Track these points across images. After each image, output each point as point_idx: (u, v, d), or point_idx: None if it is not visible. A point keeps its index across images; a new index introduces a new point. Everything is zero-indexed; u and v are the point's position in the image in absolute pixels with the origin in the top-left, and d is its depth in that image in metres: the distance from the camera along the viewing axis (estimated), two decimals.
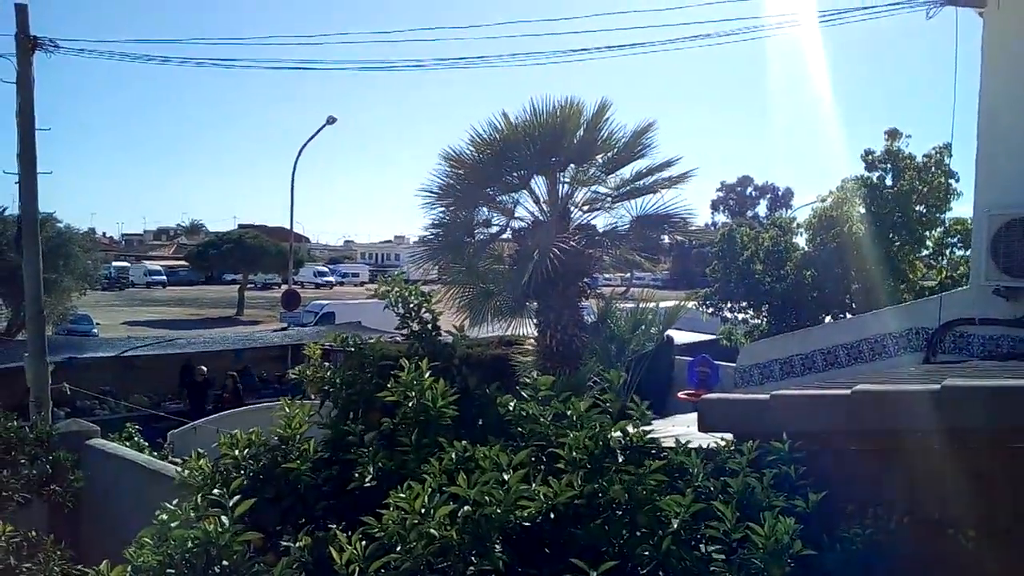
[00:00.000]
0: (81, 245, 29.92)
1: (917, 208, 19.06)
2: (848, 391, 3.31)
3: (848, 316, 17.87)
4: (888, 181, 19.44)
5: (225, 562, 2.87)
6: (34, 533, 5.31)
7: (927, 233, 19.40)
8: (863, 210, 19.01)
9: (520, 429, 3.63)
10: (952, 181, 18.97)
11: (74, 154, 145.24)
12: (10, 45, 12.79)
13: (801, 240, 20.73)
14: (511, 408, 3.72)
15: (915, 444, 3.12)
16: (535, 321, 11.40)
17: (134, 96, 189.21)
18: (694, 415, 3.93)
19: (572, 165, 11.31)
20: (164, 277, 74.94)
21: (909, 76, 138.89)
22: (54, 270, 24.96)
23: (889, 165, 19.41)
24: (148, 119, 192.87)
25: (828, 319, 18.66)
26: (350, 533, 2.86)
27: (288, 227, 42.63)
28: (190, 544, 2.90)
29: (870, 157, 19.59)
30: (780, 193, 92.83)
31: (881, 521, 3.09)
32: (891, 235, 18.90)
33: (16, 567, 4.97)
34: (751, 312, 20.46)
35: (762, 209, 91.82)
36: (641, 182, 11.56)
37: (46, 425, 7.30)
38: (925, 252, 19.85)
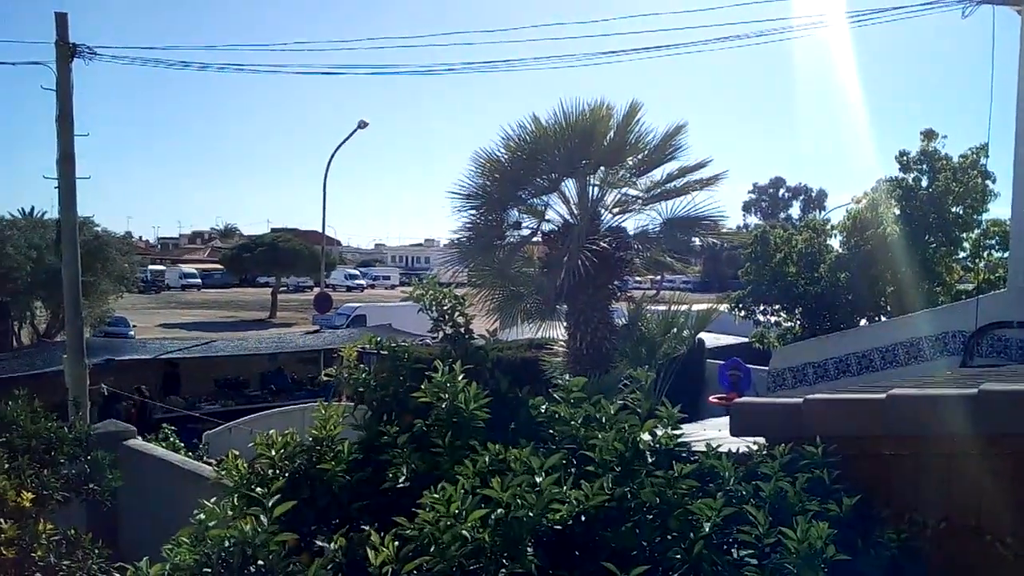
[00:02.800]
0: (118, 248, 30.50)
1: (953, 209, 18.79)
2: (883, 395, 3.28)
3: (883, 319, 17.66)
4: (924, 182, 19.19)
5: (261, 562, 2.91)
6: (73, 531, 5.41)
7: (964, 235, 19.13)
8: (898, 212, 18.78)
9: (551, 432, 3.64)
10: (989, 182, 18.68)
11: (111, 159, 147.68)
12: (50, 53, 13.08)
13: (835, 242, 20.52)
14: (543, 410, 3.73)
15: (951, 449, 3.08)
16: (565, 324, 11.40)
17: (169, 101, 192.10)
18: (726, 419, 3.91)
19: (602, 167, 11.31)
20: (199, 280, 75.86)
21: (945, 76, 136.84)
22: (92, 273, 25.46)
23: (925, 166, 19.17)
24: (183, 124, 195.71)
25: (863, 322, 18.46)
26: (383, 534, 2.89)
27: (320, 230, 43.10)
28: (227, 543, 2.94)
29: (905, 158, 19.36)
30: (813, 195, 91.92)
31: (917, 527, 3.05)
32: (927, 237, 18.66)
33: (56, 564, 5.07)
34: (784, 315, 20.29)
35: (795, 211, 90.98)
36: (672, 184, 11.53)
37: (84, 425, 7.43)
38: (962, 254, 19.58)
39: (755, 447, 3.50)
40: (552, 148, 11.00)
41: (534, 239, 11.87)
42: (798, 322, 19.83)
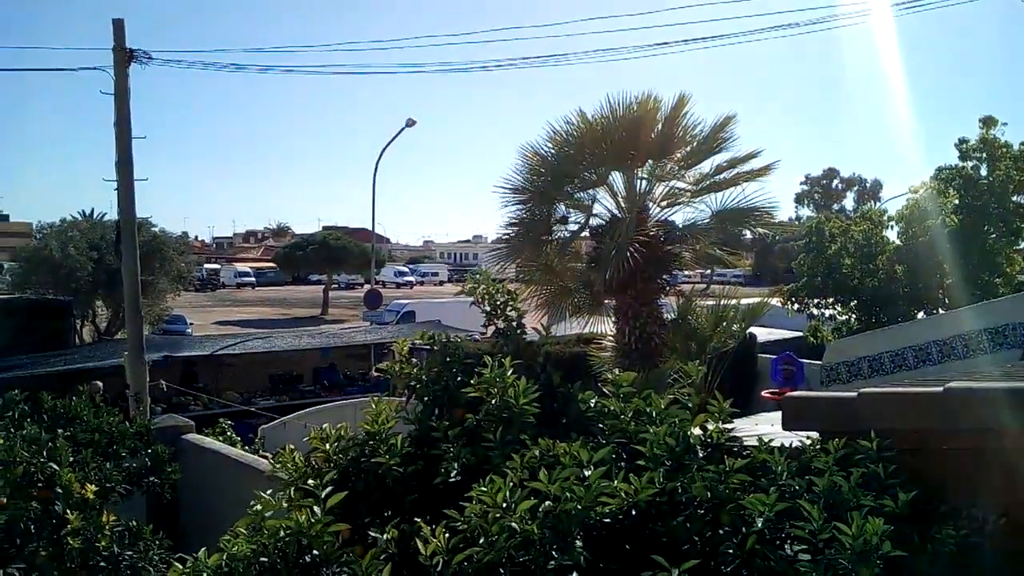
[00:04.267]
0: (175, 248, 31.17)
1: (1015, 198, 18.27)
2: (940, 388, 3.21)
3: (941, 312, 17.23)
4: (983, 171, 18.67)
5: (316, 552, 2.98)
6: (135, 523, 5.58)
7: None
8: (957, 201, 18.31)
9: (601, 425, 3.64)
10: None
11: (167, 161, 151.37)
12: (108, 58, 13.40)
13: (892, 233, 20.10)
14: (592, 405, 3.74)
15: (1011, 443, 3.00)
16: (614, 319, 11.36)
17: (222, 104, 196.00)
18: (778, 414, 3.87)
19: (650, 160, 11.23)
20: (253, 278, 77.10)
21: (1006, 61, 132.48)
22: (150, 272, 26.06)
23: (984, 154, 18.65)
24: (236, 126, 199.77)
25: (920, 315, 18.03)
26: (434, 526, 2.93)
27: (370, 228, 43.61)
28: (282, 534, 3.02)
29: (964, 146, 18.87)
30: (868, 185, 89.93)
31: (976, 523, 2.99)
32: (986, 227, 18.17)
33: (119, 554, 5.23)
34: (839, 308, 19.91)
35: (849, 202, 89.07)
36: (721, 176, 11.39)
37: (145, 420, 7.64)
38: (1023, 244, 19.01)
39: (808, 441, 3.45)
40: (599, 142, 10.95)
41: (582, 234, 11.84)
42: (853, 315, 19.46)
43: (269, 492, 3.39)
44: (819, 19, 11.12)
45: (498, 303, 4.41)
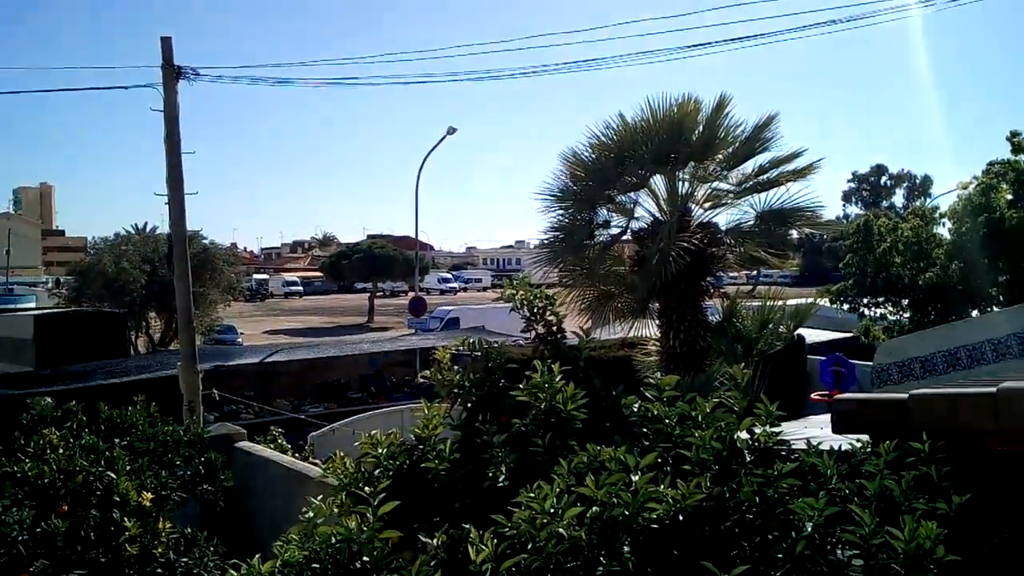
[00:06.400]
0: (225, 260, 31.87)
1: None
2: (993, 389, 3.14)
3: (995, 310, 16.80)
4: None
5: (366, 558, 3.02)
6: (189, 530, 5.70)
7: None
8: (1011, 196, 17.84)
9: (645, 430, 3.63)
10: None
11: (216, 173, 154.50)
12: (157, 76, 13.71)
13: (943, 230, 19.67)
14: (636, 409, 3.73)
15: None
16: (657, 322, 11.28)
17: (268, 117, 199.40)
18: (828, 417, 3.82)
19: (692, 162, 11.14)
20: (300, 288, 78.25)
21: None
22: (201, 284, 26.67)
23: None
24: (282, 137, 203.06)
25: (974, 313, 17.59)
26: (483, 532, 2.95)
27: (413, 235, 43.94)
28: (333, 540, 3.07)
29: (1017, 139, 18.38)
30: (918, 181, 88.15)
31: None
32: None
33: (176, 561, 5.35)
34: (890, 307, 19.52)
35: (898, 199, 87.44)
36: (765, 176, 11.26)
37: (198, 428, 7.79)
38: None
39: (859, 444, 3.40)
40: (640, 145, 10.90)
41: (624, 237, 11.79)
42: (905, 315, 19.08)
43: (320, 498, 3.45)
44: (860, 15, 10.94)
45: (536, 308, 4.42)
